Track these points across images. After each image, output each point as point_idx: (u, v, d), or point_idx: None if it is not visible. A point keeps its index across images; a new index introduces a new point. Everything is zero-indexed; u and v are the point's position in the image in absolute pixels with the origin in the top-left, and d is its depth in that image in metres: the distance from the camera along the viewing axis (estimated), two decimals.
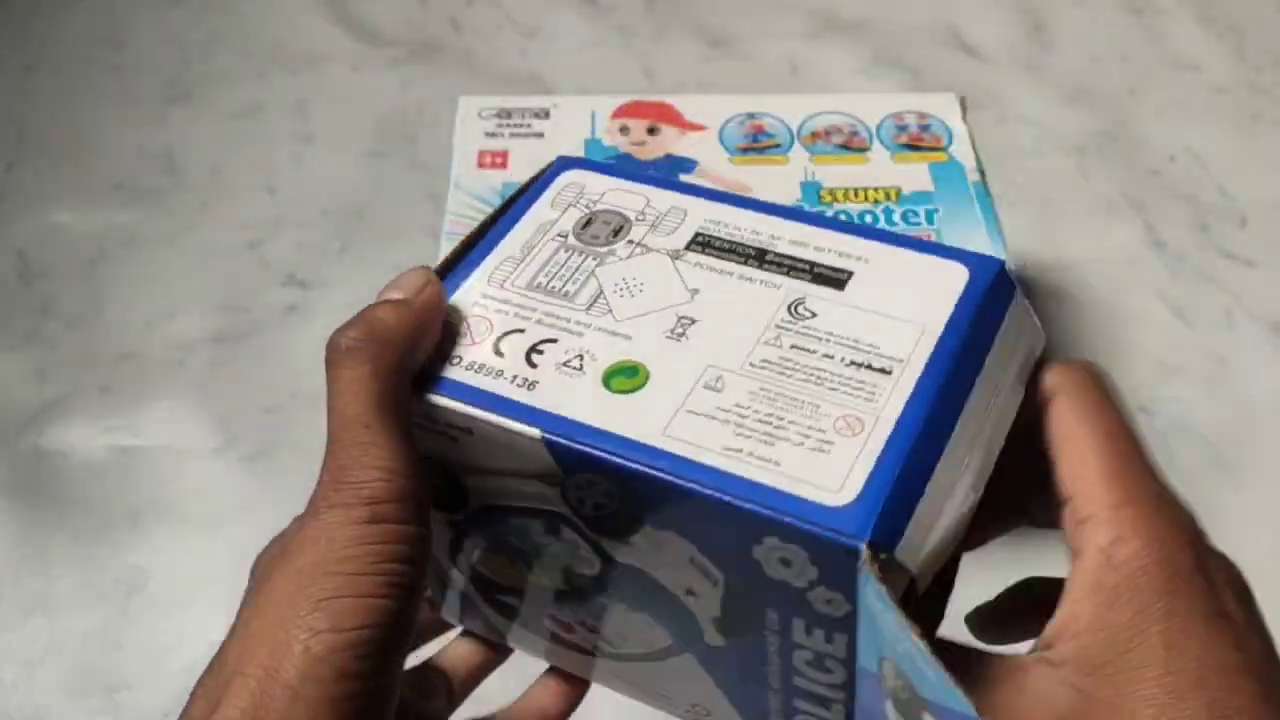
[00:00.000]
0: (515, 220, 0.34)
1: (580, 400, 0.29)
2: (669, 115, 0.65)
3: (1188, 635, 0.25)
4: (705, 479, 0.27)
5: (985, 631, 0.35)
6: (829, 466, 0.26)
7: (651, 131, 0.64)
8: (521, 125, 0.64)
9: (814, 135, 0.64)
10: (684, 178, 0.61)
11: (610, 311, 0.31)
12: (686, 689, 0.34)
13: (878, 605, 0.25)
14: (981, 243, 0.58)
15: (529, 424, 0.29)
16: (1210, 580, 0.27)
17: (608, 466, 0.28)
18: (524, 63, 0.85)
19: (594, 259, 0.33)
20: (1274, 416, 0.64)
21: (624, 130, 0.64)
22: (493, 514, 0.32)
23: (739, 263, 0.32)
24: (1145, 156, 0.78)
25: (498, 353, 0.30)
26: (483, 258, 0.33)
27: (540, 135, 0.63)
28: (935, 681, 0.24)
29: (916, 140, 0.64)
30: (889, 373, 0.28)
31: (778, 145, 0.63)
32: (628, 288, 0.32)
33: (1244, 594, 0.28)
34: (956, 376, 0.28)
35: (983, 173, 0.62)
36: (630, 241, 0.33)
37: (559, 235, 0.34)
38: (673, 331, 0.30)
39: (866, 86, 0.83)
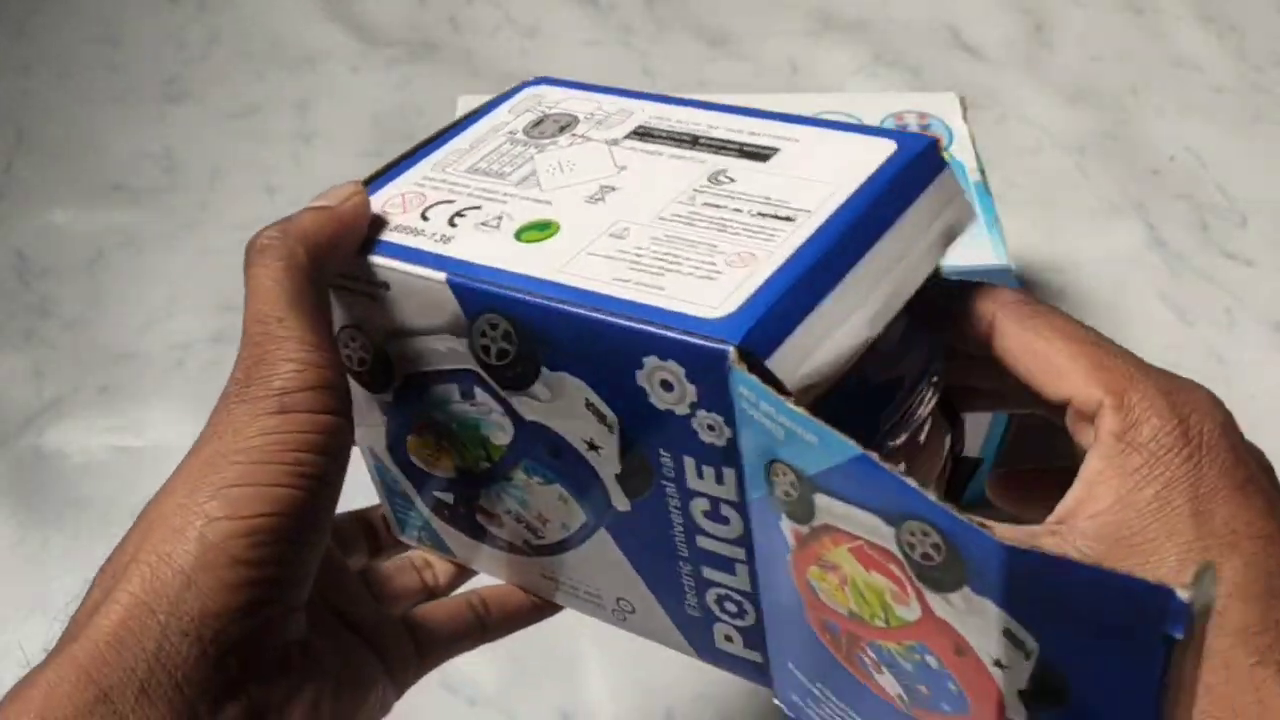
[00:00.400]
0: (471, 124, 0.37)
1: (490, 250, 0.30)
2: None
3: (1216, 502, 0.25)
4: (587, 301, 0.28)
5: (1001, 495, 0.35)
6: (713, 290, 0.27)
7: None
8: None
9: None
10: None
11: (539, 185, 0.33)
12: (610, 579, 0.35)
13: (749, 402, 0.26)
14: (982, 242, 0.58)
15: (435, 269, 0.30)
16: (1236, 451, 0.26)
17: (502, 301, 0.29)
18: (524, 62, 0.85)
19: (536, 149, 0.34)
20: (1274, 416, 0.64)
21: None
22: (416, 386, 0.33)
23: (672, 146, 0.33)
24: (1146, 156, 0.78)
25: (424, 218, 0.32)
26: (431, 151, 0.35)
27: None
28: (821, 443, 0.24)
29: None
30: (792, 220, 0.29)
31: None
32: (560, 168, 0.33)
33: (1271, 472, 0.27)
34: (861, 226, 0.29)
35: (983, 172, 0.62)
36: (574, 134, 0.35)
37: (509, 133, 0.36)
38: (592, 197, 0.32)
39: (867, 86, 0.83)
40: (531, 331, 0.29)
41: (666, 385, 0.28)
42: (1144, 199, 0.76)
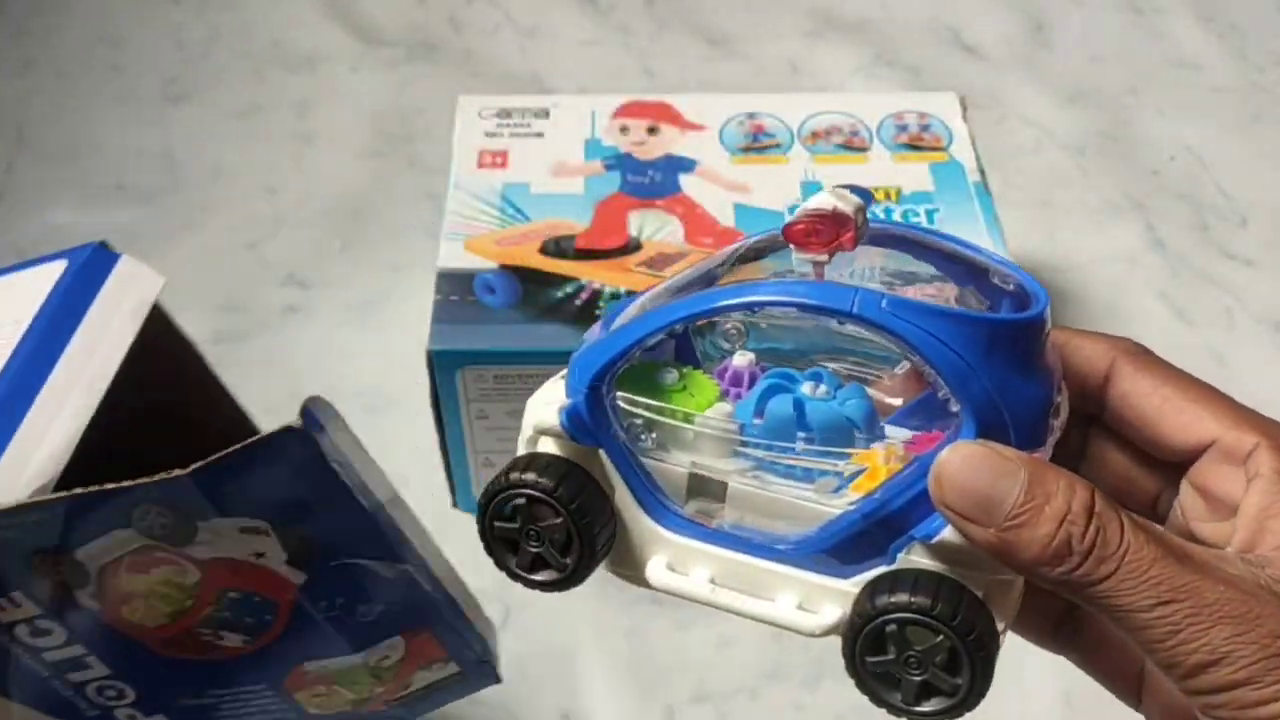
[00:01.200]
0: None
1: None
2: (669, 115, 0.65)
3: None
4: None
5: None
6: None
7: (651, 131, 0.64)
8: (521, 125, 0.63)
9: (814, 135, 0.64)
10: (682, 176, 0.61)
11: None
12: None
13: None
14: (982, 242, 0.58)
15: None
16: None
17: None
18: (523, 62, 0.85)
19: None
20: (1274, 416, 0.64)
21: (624, 130, 0.64)
22: None
23: None
24: (1146, 156, 0.78)
25: None
26: None
27: (540, 135, 0.63)
28: (42, 516, 0.28)
29: (917, 140, 0.64)
30: None
31: (778, 145, 0.63)
32: None
33: None
34: (40, 348, 0.32)
35: (983, 172, 0.62)
36: None
37: None
38: None
39: (866, 86, 0.83)
40: None
41: None
42: (1144, 199, 0.76)
